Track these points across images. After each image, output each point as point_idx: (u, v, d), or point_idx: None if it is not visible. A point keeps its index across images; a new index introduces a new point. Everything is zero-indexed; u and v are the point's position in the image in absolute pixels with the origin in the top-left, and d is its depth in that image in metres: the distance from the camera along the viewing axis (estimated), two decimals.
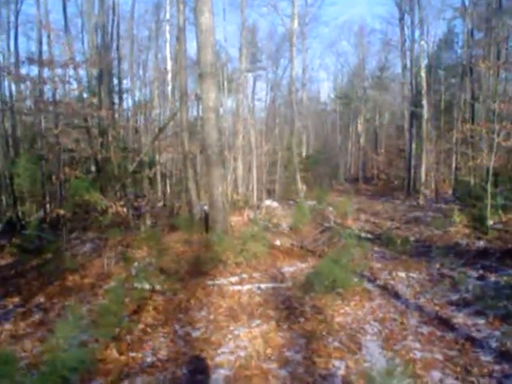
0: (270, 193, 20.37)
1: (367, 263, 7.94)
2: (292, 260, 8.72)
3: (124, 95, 21.08)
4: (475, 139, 16.13)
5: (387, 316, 5.46)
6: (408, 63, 24.64)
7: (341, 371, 4.04)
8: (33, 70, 21.75)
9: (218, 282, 7.05)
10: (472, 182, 14.72)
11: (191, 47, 30.79)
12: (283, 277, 7.45)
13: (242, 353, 4.45)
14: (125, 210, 8.99)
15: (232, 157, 17.34)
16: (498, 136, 10.87)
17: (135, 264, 7.65)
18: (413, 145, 22.20)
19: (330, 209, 15.43)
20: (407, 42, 24.77)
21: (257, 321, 5.35)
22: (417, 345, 4.56)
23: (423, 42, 22.54)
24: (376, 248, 9.56)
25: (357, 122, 37.37)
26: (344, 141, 38.82)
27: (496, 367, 3.98)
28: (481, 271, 7.15)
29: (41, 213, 13.52)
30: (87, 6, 14.43)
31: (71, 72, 11.77)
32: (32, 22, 20.70)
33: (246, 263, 7.99)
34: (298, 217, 12.54)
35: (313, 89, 43.39)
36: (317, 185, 24.01)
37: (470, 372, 3.90)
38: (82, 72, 13.13)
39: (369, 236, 10.90)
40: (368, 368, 4.01)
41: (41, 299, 6.32)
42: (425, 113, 19.47)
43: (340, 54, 46.48)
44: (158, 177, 15.09)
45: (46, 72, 12.42)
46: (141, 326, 5.17)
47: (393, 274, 7.39)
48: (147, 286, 6.41)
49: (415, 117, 21.96)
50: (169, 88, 19.05)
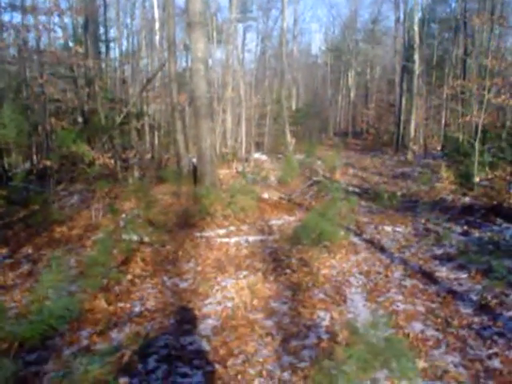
0: (259, 146, 20.29)
1: (354, 217, 8.03)
2: (280, 213, 8.79)
3: (111, 44, 20.37)
4: (466, 95, 16.04)
5: (372, 269, 5.58)
6: (401, 16, 24.14)
7: (325, 322, 4.15)
8: (15, 17, 20.89)
9: (206, 235, 7.11)
10: (461, 139, 14.71)
11: None
12: (271, 229, 7.52)
13: (229, 303, 4.54)
14: (112, 162, 8.89)
15: (221, 109, 17.11)
16: (489, 92, 10.80)
17: (123, 216, 7.66)
18: (403, 100, 22.00)
19: (319, 163, 15.43)
20: None
21: (244, 272, 5.43)
22: (400, 297, 4.68)
23: None
24: (363, 202, 9.66)
25: (347, 76, 36.70)
26: (334, 94, 38.28)
27: (475, 319, 4.11)
28: (465, 227, 7.27)
29: (27, 164, 13.32)
30: None
31: (56, 19, 11.33)
32: None
33: (234, 216, 8.05)
34: (287, 170, 12.54)
35: (304, 41, 42.74)
36: (306, 138, 23.93)
37: (450, 324, 4.03)
38: (67, 20, 12.66)
39: (356, 190, 10.98)
40: (352, 319, 4.11)
41: (29, 250, 6.34)
42: (416, 67, 19.17)
43: (332, 6, 45.28)
44: (146, 128, 14.80)
45: (30, 19, 11.96)
46: (129, 277, 5.24)
47: (379, 228, 7.50)
48: (135, 238, 6.44)
49: (407, 71, 21.65)
50: (156, 37, 18.40)
